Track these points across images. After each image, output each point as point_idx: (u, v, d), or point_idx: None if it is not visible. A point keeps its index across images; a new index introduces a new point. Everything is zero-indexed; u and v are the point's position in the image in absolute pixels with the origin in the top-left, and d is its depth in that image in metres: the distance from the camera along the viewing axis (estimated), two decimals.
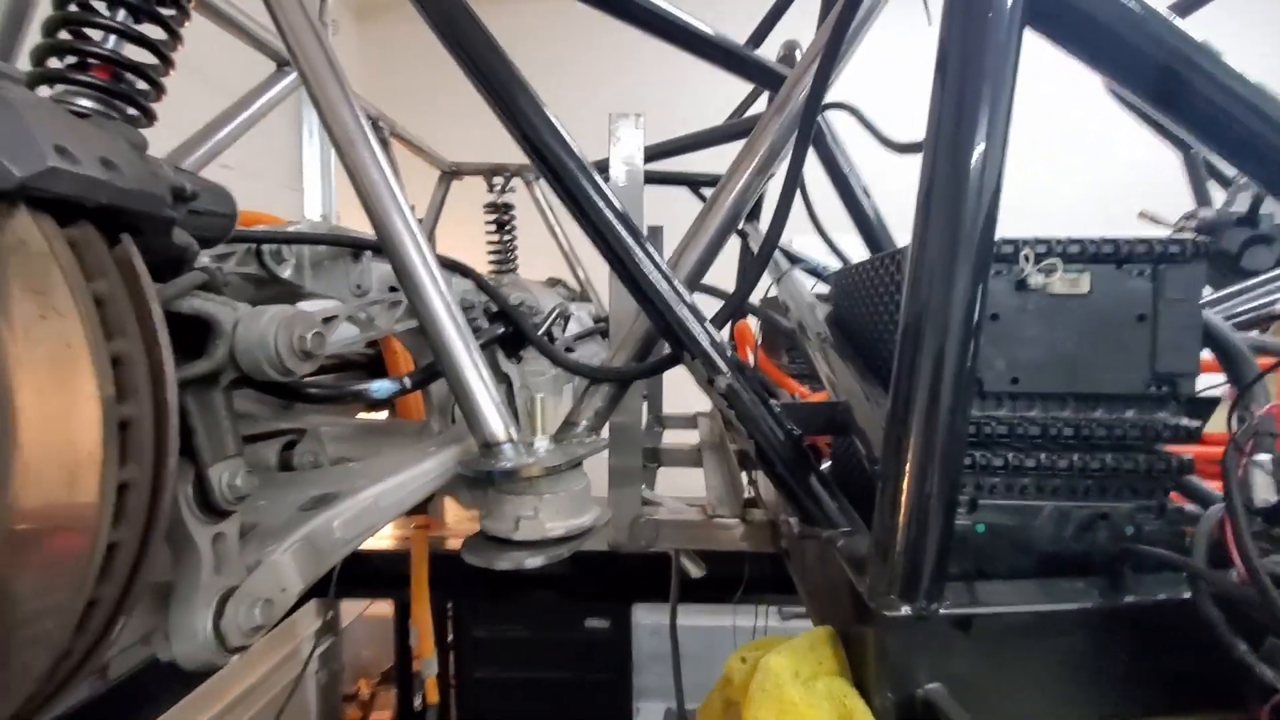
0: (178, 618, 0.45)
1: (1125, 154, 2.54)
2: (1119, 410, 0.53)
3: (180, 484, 0.45)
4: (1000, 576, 0.53)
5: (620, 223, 0.62)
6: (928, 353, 0.46)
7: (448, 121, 2.29)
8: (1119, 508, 0.52)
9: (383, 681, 3.04)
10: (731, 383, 0.60)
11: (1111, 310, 0.52)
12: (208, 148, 1.03)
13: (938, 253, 0.46)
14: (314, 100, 0.66)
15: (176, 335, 0.46)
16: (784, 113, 0.80)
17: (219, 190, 0.52)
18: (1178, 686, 0.45)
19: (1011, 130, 0.44)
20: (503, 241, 2.00)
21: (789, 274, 1.19)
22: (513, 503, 0.62)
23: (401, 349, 0.89)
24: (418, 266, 0.62)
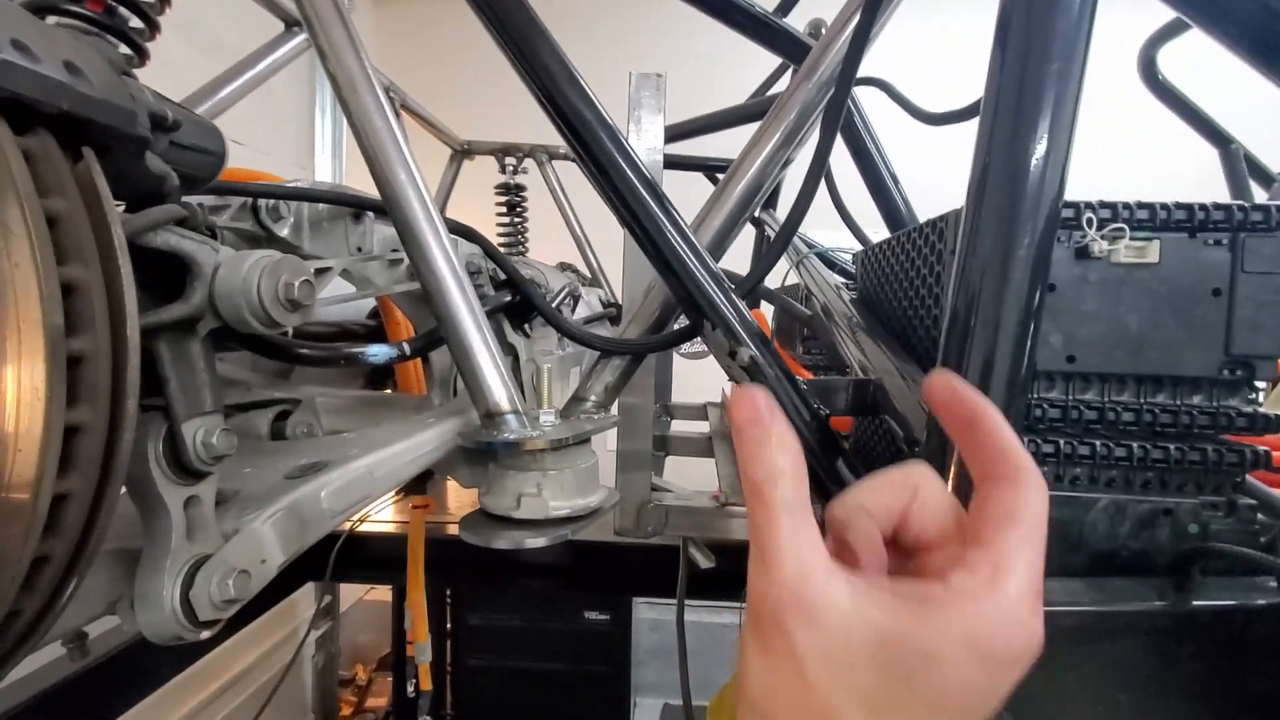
0: (143, 585, 0.41)
1: (1149, 156, 2.47)
2: (1186, 395, 0.48)
3: (150, 439, 0.41)
4: (1049, 575, 0.48)
5: (640, 181, 0.58)
6: (982, 327, 0.41)
7: (462, 109, 2.25)
8: (1183, 503, 0.47)
9: (380, 667, 3.01)
10: (755, 355, 0.55)
11: (1182, 283, 0.47)
12: (207, 107, 0.99)
13: (995, 220, 0.41)
14: (319, 50, 0.61)
15: (150, 275, 0.42)
16: (810, 82, 0.75)
17: (206, 125, 0.48)
18: (1256, 704, 0.40)
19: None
20: (513, 223, 1.96)
21: (809, 258, 1.15)
22: (515, 478, 0.58)
23: (403, 318, 0.85)
24: (421, 223, 0.58)
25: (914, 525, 0.29)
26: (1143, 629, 0.41)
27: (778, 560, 0.26)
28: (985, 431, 0.28)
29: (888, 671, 0.25)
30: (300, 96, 2.71)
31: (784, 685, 0.26)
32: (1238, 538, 0.46)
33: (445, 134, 1.99)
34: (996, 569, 0.25)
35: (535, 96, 0.58)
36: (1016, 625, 0.25)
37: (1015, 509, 0.26)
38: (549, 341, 0.93)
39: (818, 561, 0.26)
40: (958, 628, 0.24)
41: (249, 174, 0.81)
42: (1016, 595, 0.25)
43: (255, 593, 0.45)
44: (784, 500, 0.27)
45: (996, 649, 0.24)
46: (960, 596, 0.25)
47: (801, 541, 0.26)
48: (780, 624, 0.26)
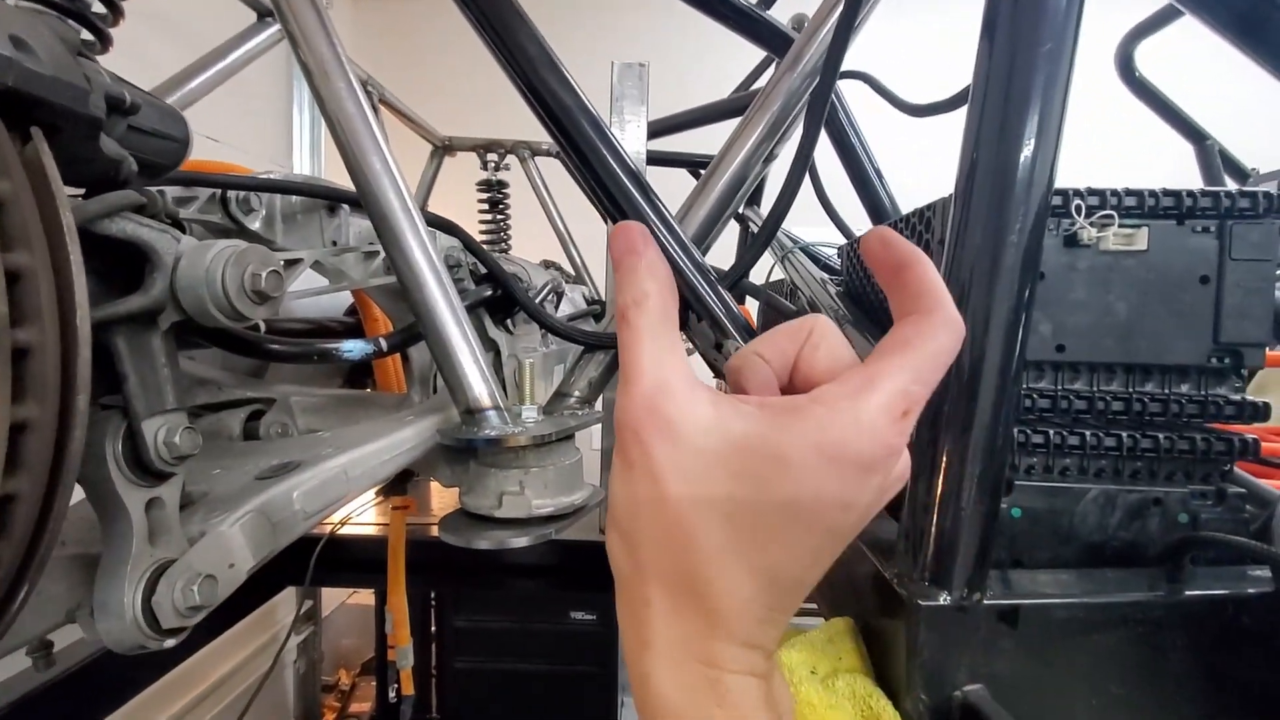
0: (102, 592, 0.39)
1: (1130, 152, 2.50)
2: (1175, 383, 0.48)
3: (108, 439, 0.39)
4: (1038, 566, 0.47)
5: (624, 172, 0.56)
6: (973, 318, 0.40)
7: (443, 109, 2.21)
8: (1173, 492, 0.47)
9: (364, 672, 2.97)
10: (741, 346, 0.54)
11: (1171, 270, 0.47)
12: (176, 99, 0.96)
13: (985, 209, 0.40)
14: (290, 36, 0.59)
15: (107, 265, 0.40)
16: (793, 75, 0.74)
17: (168, 109, 0.46)
18: (1256, 695, 0.39)
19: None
20: (496, 220, 1.94)
21: (794, 253, 1.14)
22: (496, 477, 0.56)
23: (381, 314, 0.83)
24: (397, 214, 0.56)
25: (804, 368, 0.29)
26: (1135, 620, 0.40)
27: (638, 376, 0.26)
28: (911, 274, 0.27)
29: (741, 478, 0.24)
30: (278, 93, 2.66)
31: (643, 498, 0.25)
32: (1227, 527, 0.46)
33: (425, 130, 1.96)
34: (866, 382, 0.25)
35: (514, 84, 0.56)
36: (869, 433, 0.24)
37: (911, 337, 0.26)
38: (532, 338, 0.91)
39: (678, 377, 0.26)
40: (810, 432, 0.24)
41: (220, 166, 0.78)
42: (878, 407, 0.24)
43: (223, 598, 0.43)
44: (648, 322, 0.27)
45: (846, 454, 0.24)
46: (819, 404, 0.25)
47: (664, 360, 0.26)
48: (638, 435, 0.25)
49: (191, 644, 1.00)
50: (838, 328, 0.29)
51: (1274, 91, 0.51)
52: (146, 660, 1.33)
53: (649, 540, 0.26)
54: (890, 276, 0.28)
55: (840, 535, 0.25)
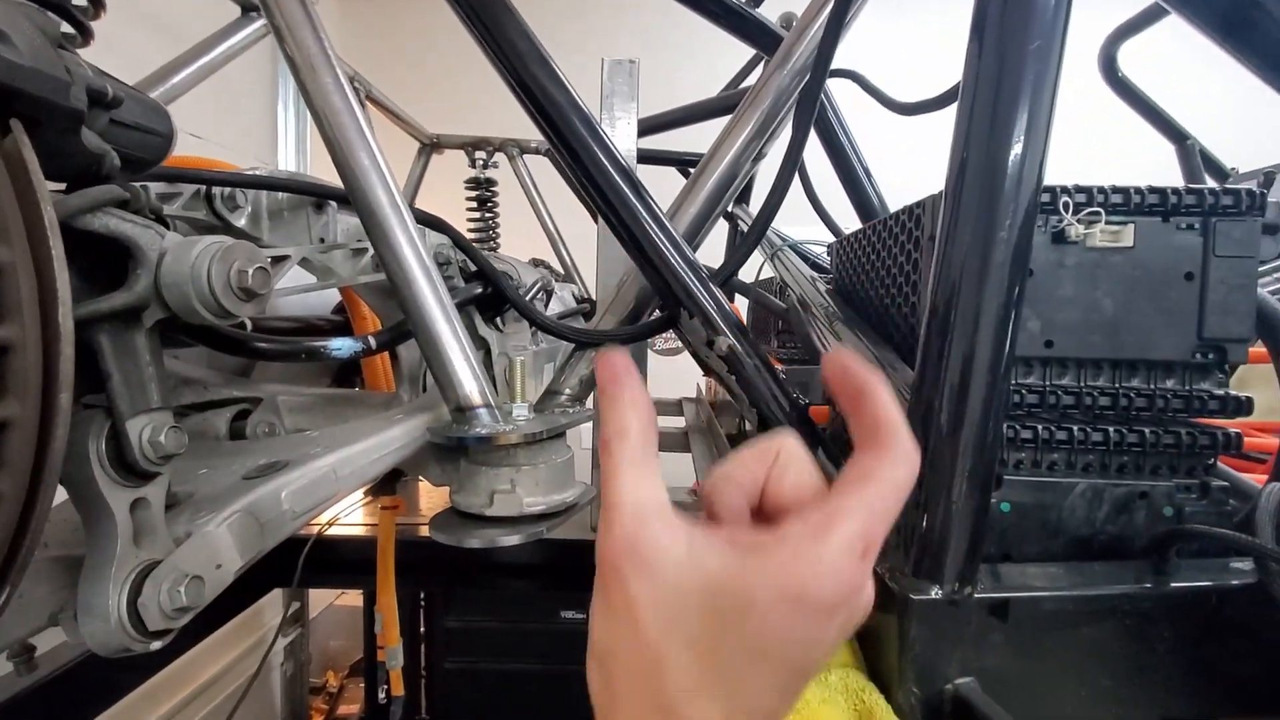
0: (86, 594, 0.39)
1: (1113, 151, 2.53)
2: (1160, 378, 0.49)
3: (91, 438, 0.38)
4: (1027, 560, 0.48)
5: (615, 168, 0.56)
6: (963, 314, 0.40)
7: (430, 108, 2.19)
8: (1158, 486, 0.47)
9: (352, 673, 2.95)
10: (734, 344, 0.54)
11: (1156, 266, 0.47)
12: (158, 94, 0.94)
13: (976, 206, 0.41)
14: (275, 29, 0.58)
15: (89, 261, 0.39)
16: (782, 74, 0.74)
17: (151, 103, 0.45)
18: (1240, 684, 0.40)
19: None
20: (484, 218, 1.93)
21: (783, 251, 1.14)
22: (487, 475, 0.56)
23: (369, 312, 0.82)
24: (386, 211, 0.56)
25: (772, 490, 0.29)
26: (1122, 612, 0.41)
27: (618, 511, 0.27)
28: (870, 403, 0.28)
29: (713, 617, 0.25)
30: (262, 88, 2.63)
31: (620, 632, 0.27)
32: (1211, 519, 0.47)
33: (413, 127, 1.95)
34: (827, 520, 0.25)
35: (504, 80, 0.56)
36: (831, 575, 0.25)
37: (870, 471, 0.27)
38: (522, 336, 0.91)
39: (656, 512, 0.27)
40: (773, 574, 0.25)
41: (204, 162, 0.77)
42: (839, 547, 0.25)
43: (210, 600, 0.43)
44: (629, 455, 0.28)
45: (807, 596, 0.25)
46: (782, 544, 0.25)
47: (642, 494, 0.27)
48: (618, 571, 0.26)
49: (176, 647, 0.99)
50: (804, 447, 0.30)
51: (1251, 91, 0.51)
52: (130, 664, 1.31)
53: (624, 673, 0.27)
54: (849, 404, 0.29)
55: (807, 672, 0.26)
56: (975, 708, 0.37)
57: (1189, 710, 0.40)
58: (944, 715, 0.38)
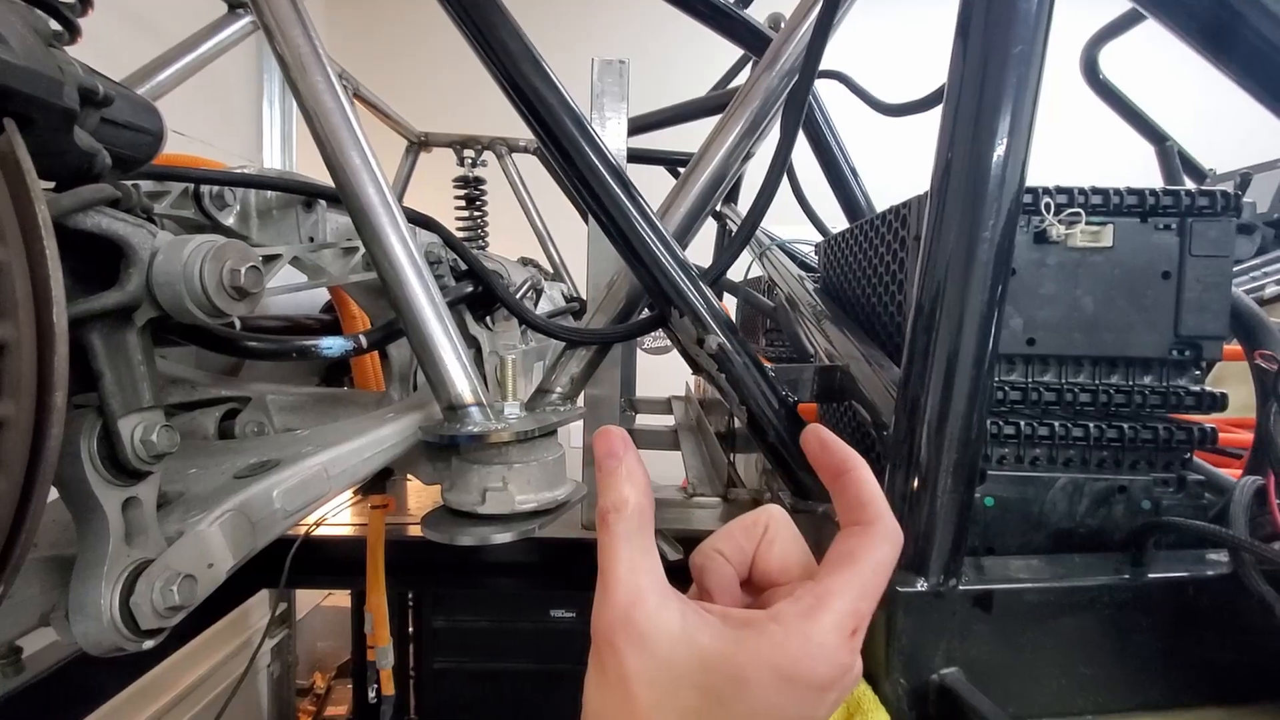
0: (79, 593, 0.39)
1: (1094, 152, 2.57)
2: (1138, 375, 0.50)
3: (83, 437, 0.38)
4: (1010, 553, 0.49)
5: (605, 167, 0.57)
6: (948, 313, 0.41)
7: (417, 108, 2.18)
8: (1137, 480, 0.49)
9: (339, 675, 2.93)
10: (723, 342, 0.55)
11: (1135, 266, 0.48)
12: (143, 91, 0.94)
13: (960, 206, 0.41)
14: (265, 28, 0.58)
15: (81, 260, 0.39)
16: (771, 74, 0.75)
17: (142, 102, 0.45)
18: (1215, 673, 0.41)
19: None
20: (473, 217, 1.92)
21: (772, 250, 1.15)
22: (479, 473, 0.56)
23: (359, 311, 0.82)
24: (377, 209, 0.56)
25: (760, 563, 0.31)
26: (1101, 603, 0.42)
27: (614, 584, 0.28)
28: (851, 481, 0.29)
29: (705, 694, 0.26)
30: (247, 86, 2.60)
31: (613, 704, 0.27)
32: (1187, 512, 0.48)
33: (401, 125, 1.94)
34: (818, 600, 0.27)
35: (496, 79, 0.56)
36: (822, 655, 0.26)
37: (855, 551, 0.28)
38: (512, 335, 0.91)
39: (651, 587, 0.28)
40: (765, 653, 0.25)
41: (191, 160, 0.77)
42: (830, 627, 0.26)
43: (202, 598, 0.43)
44: (626, 530, 0.29)
45: (800, 675, 0.25)
46: (775, 624, 0.26)
47: (638, 568, 0.28)
48: (613, 645, 0.27)
49: (162, 649, 0.98)
50: (790, 520, 0.31)
51: (1229, 95, 0.53)
52: (115, 666, 1.30)
53: None
54: (831, 480, 0.30)
55: None
56: (960, 697, 0.38)
57: (1166, 697, 0.41)
58: (930, 704, 0.39)
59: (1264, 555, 0.37)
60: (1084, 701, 0.41)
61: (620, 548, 0.28)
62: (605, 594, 0.28)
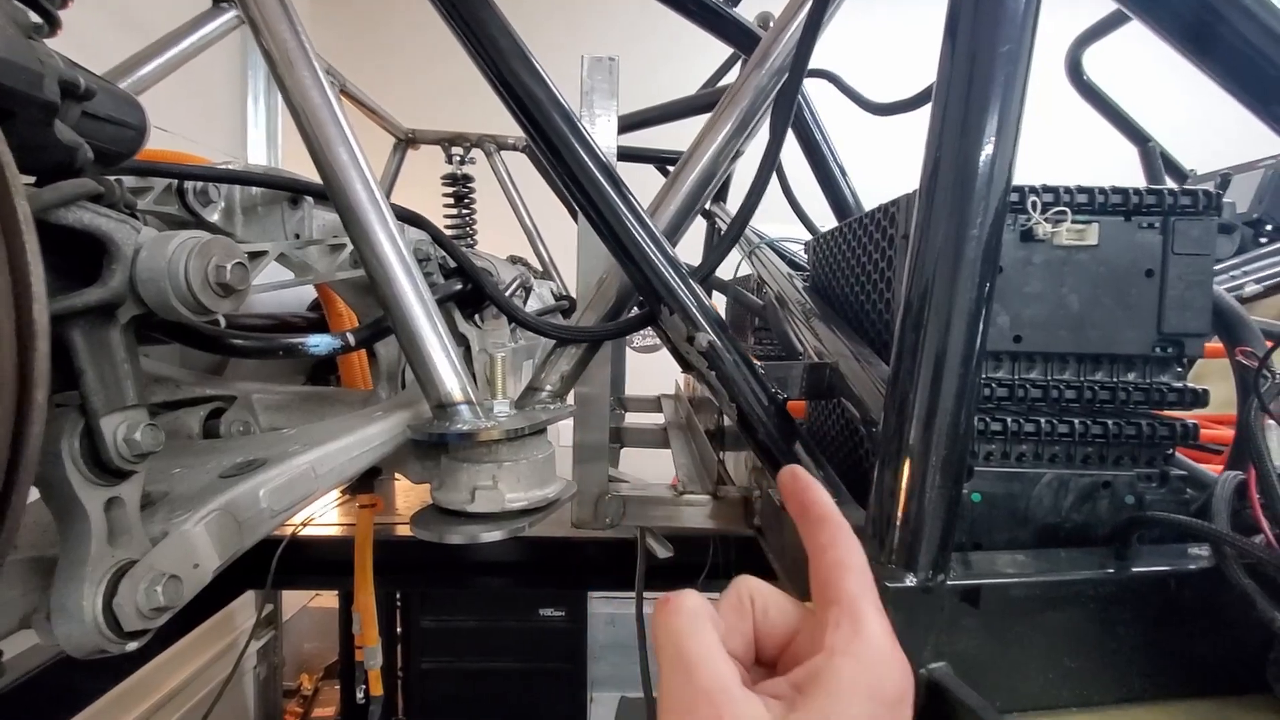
0: (61, 594, 0.38)
1: (1077, 152, 2.60)
2: (1122, 372, 0.51)
3: (64, 437, 0.38)
4: (997, 548, 0.49)
5: (595, 164, 0.57)
6: (936, 311, 0.42)
7: (405, 105, 2.17)
8: (1120, 476, 0.49)
9: (327, 676, 2.91)
10: (713, 339, 0.55)
11: (1119, 264, 0.49)
12: (125, 86, 0.92)
13: (948, 205, 0.42)
14: (251, 23, 0.57)
15: (63, 256, 0.38)
16: (760, 73, 0.75)
17: (124, 96, 0.44)
18: (1197, 665, 0.42)
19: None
20: (461, 215, 1.91)
21: (761, 249, 1.15)
22: (468, 471, 0.56)
23: (346, 309, 0.82)
24: (365, 206, 0.55)
25: (763, 634, 0.30)
26: (1086, 596, 0.42)
27: (699, 670, 0.26)
28: (814, 504, 0.31)
29: None
30: (231, 82, 2.57)
31: None
32: (1170, 507, 0.49)
33: (388, 122, 1.93)
34: (853, 616, 0.27)
35: (485, 76, 0.56)
36: (894, 661, 0.26)
37: (839, 559, 0.29)
38: (501, 333, 0.91)
39: (734, 675, 0.27)
40: (851, 683, 0.25)
41: (175, 155, 0.76)
42: (882, 633, 0.27)
43: (188, 599, 0.42)
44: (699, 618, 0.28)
45: (888, 689, 0.26)
46: (840, 656, 0.26)
47: (719, 656, 0.27)
48: None
49: (146, 652, 0.97)
50: (759, 581, 0.32)
51: (1210, 96, 0.53)
52: (99, 669, 1.28)
53: None
54: (800, 510, 0.32)
55: None
56: (948, 690, 0.38)
57: (1149, 690, 0.42)
58: (918, 698, 0.39)
59: (1245, 549, 0.38)
60: (1069, 694, 0.42)
61: (696, 636, 0.27)
62: (691, 686, 0.26)
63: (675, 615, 0.28)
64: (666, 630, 0.28)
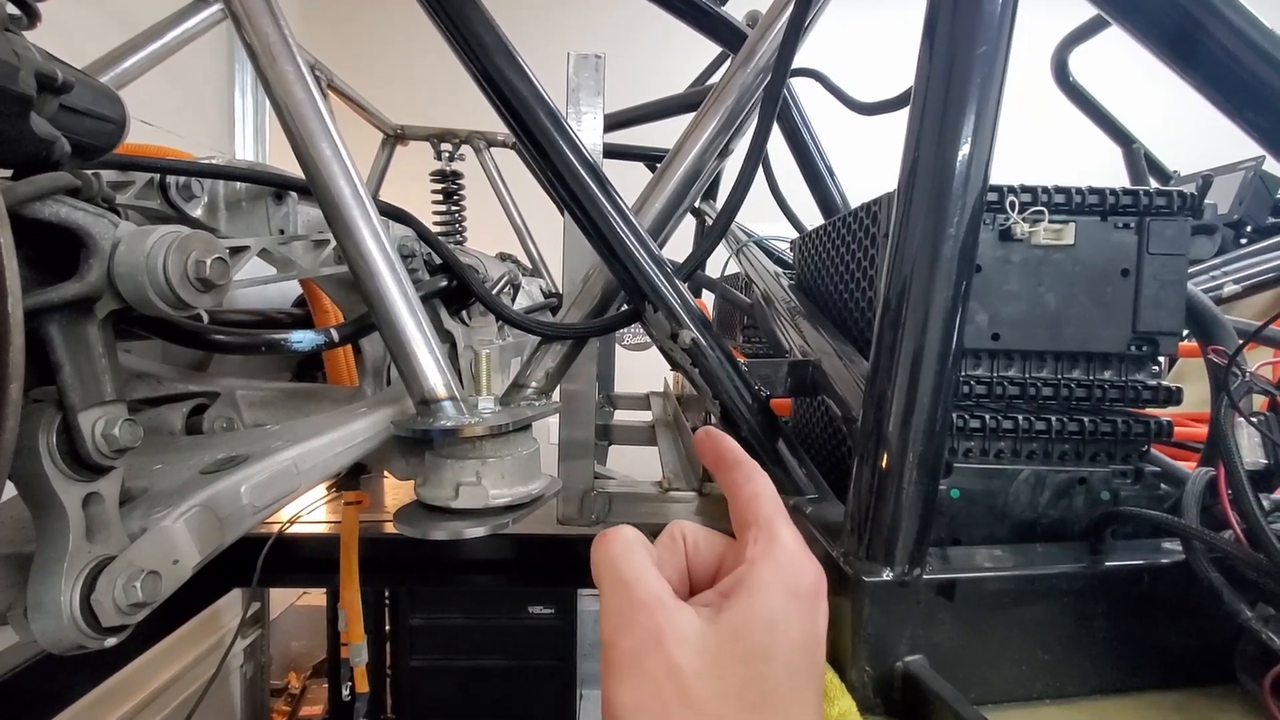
0: (38, 590, 0.38)
1: (1060, 152, 2.62)
2: (1098, 370, 0.51)
3: (41, 432, 0.37)
4: (974, 543, 0.50)
5: (580, 162, 0.57)
6: (914, 309, 0.42)
7: (394, 101, 2.15)
8: (1096, 472, 0.50)
9: (315, 674, 2.90)
10: (696, 337, 0.55)
11: (1095, 263, 0.50)
12: (108, 80, 0.91)
13: (926, 204, 0.42)
14: (233, 15, 0.57)
15: (39, 250, 0.38)
16: (747, 70, 0.75)
17: (103, 89, 0.44)
18: (1168, 657, 0.43)
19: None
20: (450, 212, 1.91)
21: (748, 247, 1.16)
22: (453, 467, 0.56)
23: (331, 305, 0.81)
24: (349, 202, 0.55)
25: (695, 564, 0.33)
26: (1061, 590, 0.43)
27: (635, 590, 0.29)
28: (725, 453, 0.34)
29: (747, 658, 0.27)
30: (218, 75, 2.55)
31: (664, 703, 0.27)
32: (1144, 503, 0.49)
33: (377, 117, 1.91)
34: (769, 531, 0.30)
35: (470, 72, 0.55)
36: (806, 561, 0.29)
37: (755, 490, 0.32)
38: (488, 330, 0.91)
39: (666, 589, 0.29)
40: (769, 582, 0.28)
41: (158, 150, 0.75)
42: (793, 540, 0.30)
43: (167, 595, 0.42)
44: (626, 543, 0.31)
45: (803, 585, 0.28)
46: (759, 562, 0.29)
47: (650, 575, 0.30)
48: (659, 641, 0.28)
49: (131, 649, 0.96)
50: (690, 522, 0.34)
51: (1192, 100, 0.54)
52: (82, 667, 1.27)
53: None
54: (716, 463, 0.35)
55: (821, 677, 0.29)
56: (923, 683, 0.38)
57: (1121, 681, 0.43)
58: (894, 691, 0.40)
59: (1214, 544, 0.38)
60: (1043, 686, 0.42)
61: (629, 559, 0.30)
62: (630, 601, 0.29)
63: (612, 543, 0.31)
64: (605, 557, 0.31)
